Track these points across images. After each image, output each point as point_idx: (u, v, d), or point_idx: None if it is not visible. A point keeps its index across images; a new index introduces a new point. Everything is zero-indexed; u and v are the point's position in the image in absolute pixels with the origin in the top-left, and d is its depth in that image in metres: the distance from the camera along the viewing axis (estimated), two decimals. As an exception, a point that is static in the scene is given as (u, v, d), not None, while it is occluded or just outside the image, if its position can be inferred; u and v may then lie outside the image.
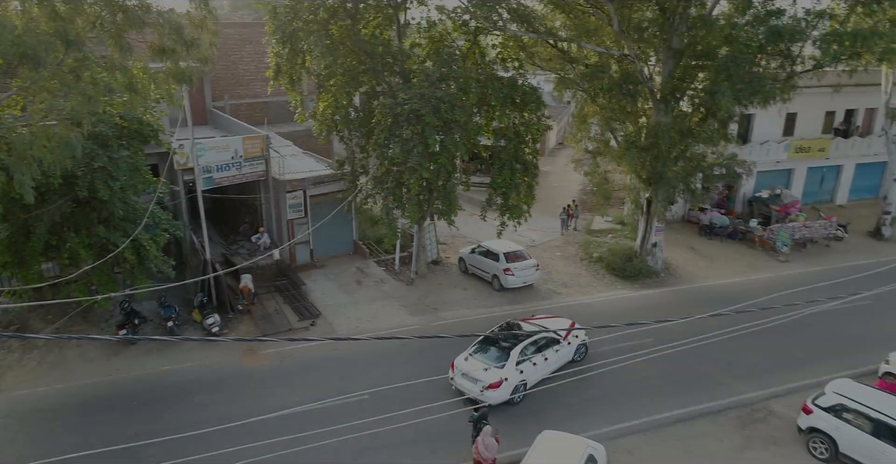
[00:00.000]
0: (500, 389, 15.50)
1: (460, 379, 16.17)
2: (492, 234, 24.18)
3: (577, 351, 18.07)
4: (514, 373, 15.83)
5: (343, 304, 21.87)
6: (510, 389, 15.71)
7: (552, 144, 46.59)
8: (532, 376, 16.37)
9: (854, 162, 32.99)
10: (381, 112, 20.19)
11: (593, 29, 23.44)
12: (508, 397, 15.73)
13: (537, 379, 16.59)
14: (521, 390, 16.15)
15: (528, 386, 16.38)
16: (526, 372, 16.13)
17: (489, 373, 15.67)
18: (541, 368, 16.62)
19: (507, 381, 15.59)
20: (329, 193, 24.76)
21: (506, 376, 15.60)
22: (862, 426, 13.81)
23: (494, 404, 15.40)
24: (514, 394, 15.85)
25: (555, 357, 17.13)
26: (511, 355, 16.02)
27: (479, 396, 15.57)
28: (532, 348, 16.61)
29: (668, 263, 25.45)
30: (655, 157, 21.97)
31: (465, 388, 15.97)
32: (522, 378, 16.04)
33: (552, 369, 16.96)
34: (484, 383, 15.55)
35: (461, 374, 16.17)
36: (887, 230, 28.74)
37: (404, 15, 22.95)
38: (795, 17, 20.67)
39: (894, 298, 21.52)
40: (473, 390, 15.75)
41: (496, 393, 15.48)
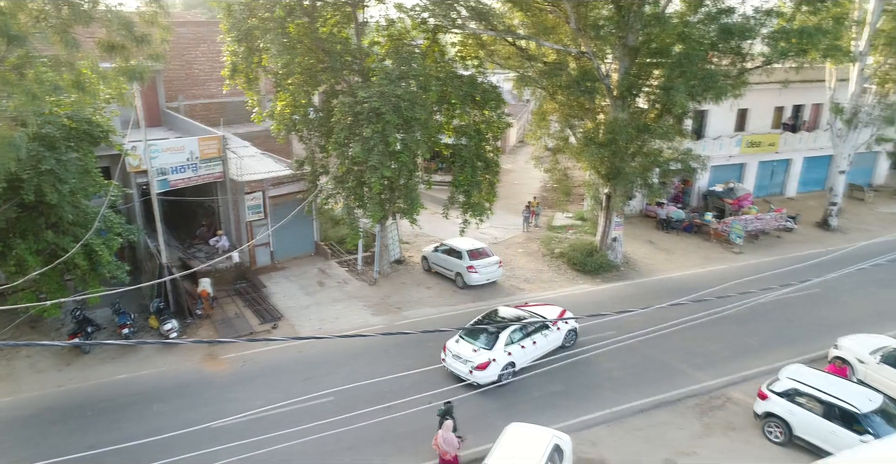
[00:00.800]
0: (488, 369, 16.19)
1: (451, 360, 16.84)
2: (455, 232, 24.22)
3: (566, 337, 18.65)
4: (503, 355, 16.50)
5: (305, 305, 21.60)
6: (498, 370, 16.39)
7: (513, 142, 46.96)
8: (520, 358, 16.98)
9: (802, 156, 34.16)
10: (341, 111, 20.01)
11: (551, 27, 23.67)
12: (496, 377, 16.37)
13: (526, 362, 17.15)
14: (510, 372, 16.79)
15: (517, 368, 16.97)
16: (514, 354, 16.78)
17: (478, 354, 16.39)
18: (529, 351, 17.25)
19: (494, 362, 16.28)
20: (289, 194, 24.44)
21: (494, 358, 16.30)
22: (814, 409, 14.31)
23: (483, 383, 16.13)
24: (502, 376, 16.50)
25: (543, 342, 17.75)
26: (499, 337, 16.69)
27: (469, 376, 16.31)
28: (521, 332, 17.25)
29: (627, 256, 25.91)
30: (613, 153, 22.30)
31: (455, 368, 16.67)
32: (510, 360, 16.65)
33: (541, 353, 17.65)
34: (473, 364, 16.24)
35: (452, 355, 16.84)
36: (834, 221, 29.84)
37: (363, 13, 22.80)
38: (745, 15, 21.26)
39: (841, 286, 22.45)
40: (463, 371, 16.46)
41: (484, 373, 16.17)
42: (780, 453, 14.40)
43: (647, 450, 14.55)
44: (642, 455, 14.35)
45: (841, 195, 29.98)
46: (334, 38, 21.99)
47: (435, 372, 16.91)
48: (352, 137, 20.06)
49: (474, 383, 16.27)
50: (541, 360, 17.39)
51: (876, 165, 36.50)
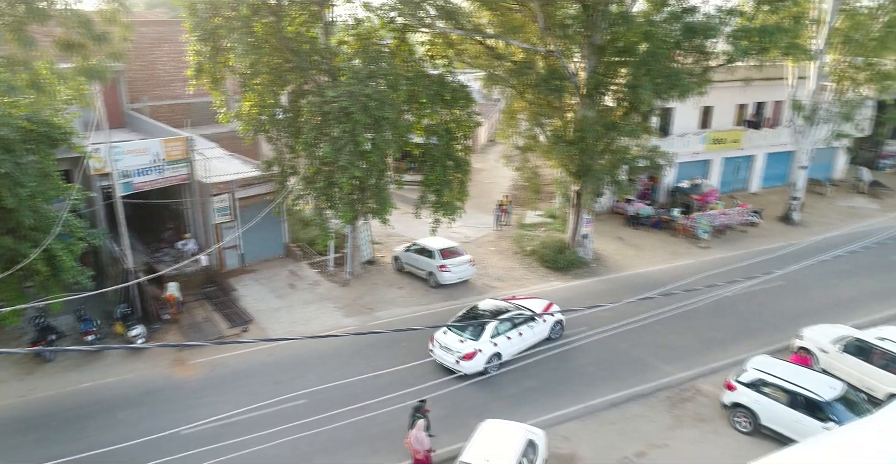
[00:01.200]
0: (474, 359, 16.61)
1: (439, 351, 17.21)
2: (426, 231, 24.17)
3: (552, 329, 18.97)
4: (489, 345, 16.91)
5: (276, 308, 21.34)
6: (484, 360, 16.79)
7: (483, 141, 47.09)
8: (506, 349, 17.40)
9: (765, 152, 34.93)
10: (310, 111, 19.83)
11: (519, 26, 23.80)
12: (483, 368, 16.81)
13: (512, 353, 17.60)
14: (496, 362, 17.17)
15: (503, 359, 17.37)
16: (500, 345, 17.17)
17: (464, 345, 16.81)
18: (515, 342, 17.65)
19: (480, 352, 16.69)
20: (258, 196, 24.11)
21: (480, 348, 16.72)
22: (779, 399, 14.65)
23: (470, 373, 16.57)
24: (488, 366, 16.90)
25: (529, 333, 18.14)
26: (486, 328, 17.09)
27: (455, 366, 16.70)
28: (507, 324, 17.67)
29: (597, 253, 26.19)
30: (582, 150, 22.52)
31: (443, 359, 17.05)
32: (496, 351, 17.05)
33: (527, 345, 18.08)
34: (459, 354, 16.66)
35: (440, 346, 17.20)
36: (796, 215, 30.60)
37: (330, 12, 22.59)
38: (708, 14, 21.65)
39: (804, 279, 23.04)
40: (450, 361, 16.85)
41: (470, 363, 16.60)
42: (747, 443, 14.70)
43: (619, 443, 14.72)
44: (615, 449, 14.52)
45: (802, 190, 30.74)
46: (301, 38, 21.75)
47: (409, 371, 16.84)
48: (321, 137, 19.88)
49: (461, 373, 16.63)
50: (528, 351, 17.78)
51: (834, 161, 37.52)
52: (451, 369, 16.91)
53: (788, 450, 11.90)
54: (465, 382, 16.34)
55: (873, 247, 23.73)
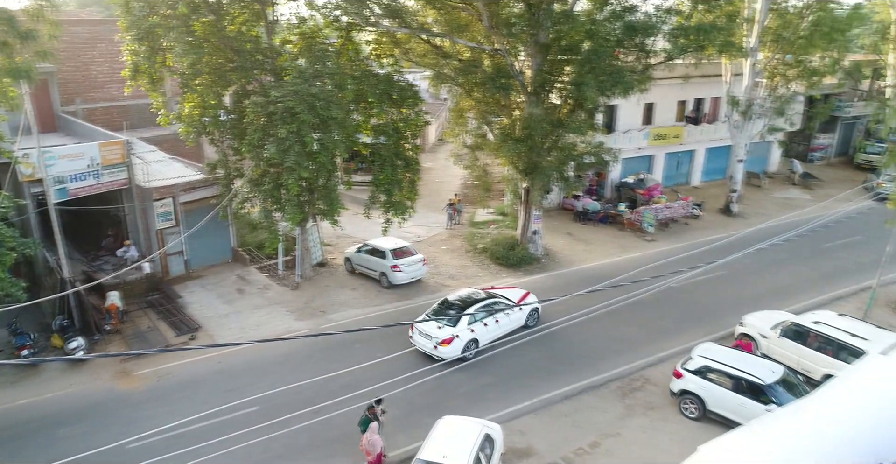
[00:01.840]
0: (452, 345, 17.23)
1: (417, 337, 17.76)
2: (377, 232, 24.03)
3: (529, 317, 19.63)
4: (465, 332, 17.52)
5: (224, 314, 20.81)
6: (461, 345, 17.40)
7: (432, 140, 47.14)
8: (483, 335, 18.04)
9: (704, 146, 36.14)
10: (254, 111, 19.40)
11: (465, 24, 23.91)
12: (460, 353, 17.32)
13: (489, 339, 18.17)
14: (473, 348, 17.80)
15: (480, 345, 18.02)
16: (477, 332, 17.84)
17: (442, 331, 17.37)
18: (492, 329, 18.31)
19: (458, 338, 17.31)
20: (202, 200, 23.48)
21: (457, 334, 17.32)
22: (724, 384, 15.18)
23: (448, 358, 16.99)
24: (465, 352, 17.45)
25: (506, 321, 18.83)
26: (463, 316, 17.74)
27: (434, 352, 17.29)
28: (484, 312, 18.19)
29: (548, 249, 26.56)
30: (530, 148, 22.79)
31: (422, 345, 17.64)
32: (473, 337, 17.70)
33: (504, 332, 18.69)
34: (437, 340, 17.24)
35: (419, 332, 17.74)
36: (735, 207, 31.78)
37: (272, 11, 22.18)
38: (647, 13, 22.27)
39: (744, 268, 23.95)
40: (428, 347, 17.43)
41: (448, 349, 17.20)
42: (695, 428, 15.16)
43: (573, 434, 14.97)
44: (569, 440, 14.75)
45: (740, 183, 31.96)
46: (243, 37, 21.29)
47: (362, 372, 16.64)
48: (266, 138, 19.48)
49: (439, 358, 17.14)
50: (505, 338, 18.23)
51: (769, 154, 39.14)
52: (429, 354, 17.47)
53: (733, 433, 12.36)
54: (419, 380, 16.27)
55: (807, 235, 24.86)
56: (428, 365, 16.71)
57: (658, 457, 13.99)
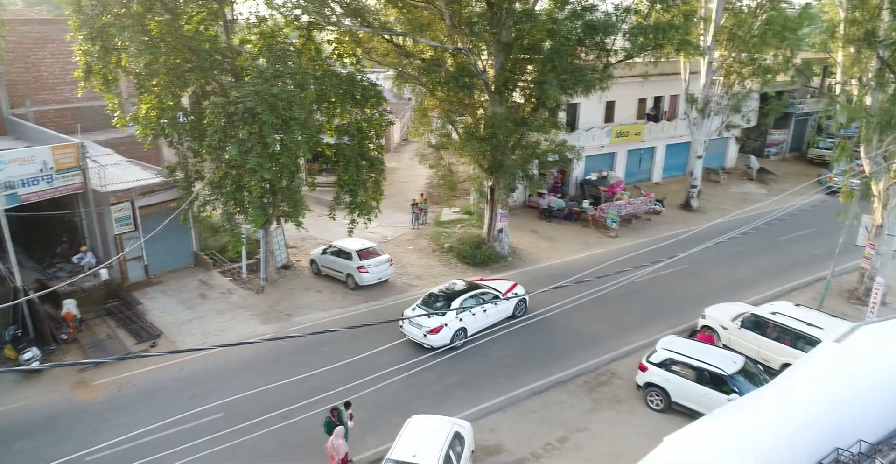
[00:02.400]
0: (441, 333, 17.87)
1: (408, 326, 18.40)
2: (342, 233, 23.83)
3: (516, 307, 20.26)
4: (454, 320, 18.09)
5: (186, 320, 20.37)
6: (450, 334, 18.02)
7: (397, 140, 46.99)
8: (471, 324, 18.66)
9: (664, 143, 36.86)
10: (213, 112, 19.00)
11: (427, 24, 23.88)
12: (449, 341, 17.95)
13: (477, 328, 18.79)
14: (462, 337, 18.41)
15: (469, 333, 18.64)
16: (465, 320, 18.46)
17: (431, 320, 17.89)
18: (480, 318, 18.91)
19: (447, 327, 17.89)
20: (161, 203, 22.91)
21: (445, 323, 17.88)
22: (687, 376, 15.50)
23: (437, 346, 17.75)
24: (454, 340, 18.07)
25: (494, 310, 19.36)
26: (451, 305, 18.40)
27: (423, 340, 17.94)
28: (472, 301, 18.82)
29: (514, 247, 26.73)
30: (494, 146, 22.89)
31: (412, 334, 18.23)
32: (462, 325, 18.32)
33: (492, 321, 19.29)
34: (427, 328, 17.83)
35: (408, 322, 18.36)
36: (695, 202, 32.50)
37: (231, 10, 21.78)
38: (607, 12, 22.59)
39: (705, 261, 24.51)
40: (418, 336, 18.03)
41: (437, 337, 17.86)
42: (661, 420, 15.43)
43: (542, 430, 15.09)
44: (538, 436, 14.86)
45: (699, 178, 32.66)
46: (201, 36, 20.83)
47: (330, 374, 16.46)
48: (227, 140, 19.14)
49: (429, 346, 17.87)
50: (493, 327, 18.84)
51: (727, 150, 40.14)
52: (419, 343, 18.10)
53: (697, 423, 12.60)
54: (388, 380, 16.21)
55: (763, 228, 25.55)
56: (397, 365, 16.63)
57: (625, 450, 14.19)
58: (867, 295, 20.88)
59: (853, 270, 23.41)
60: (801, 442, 12.15)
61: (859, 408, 13.08)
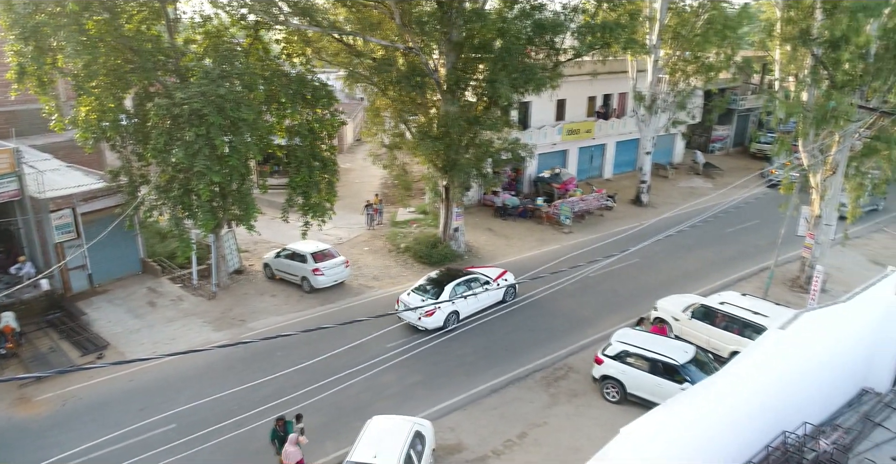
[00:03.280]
0: (435, 316, 18.75)
1: (403, 310, 19.39)
2: (296, 235, 23.43)
3: (506, 292, 21.06)
4: (447, 304, 18.86)
5: (135, 329, 19.69)
6: (443, 316, 18.96)
7: (350, 141, 46.56)
8: (464, 308, 19.51)
9: (614, 140, 37.60)
10: (157, 114, 18.38)
11: (377, 23, 23.71)
12: (442, 323, 18.88)
13: (469, 312, 19.76)
14: (455, 320, 19.36)
15: (461, 317, 19.56)
16: (457, 304, 19.19)
17: (425, 303, 18.65)
18: (471, 302, 19.56)
19: (440, 309, 18.72)
20: (105, 209, 22.07)
21: (439, 306, 18.57)
22: (641, 367, 15.84)
23: (431, 328, 18.69)
24: (447, 323, 19.01)
25: (484, 295, 20.11)
26: (445, 289, 19.33)
27: (418, 323, 18.81)
28: (464, 287, 19.73)
29: (470, 245, 26.82)
30: (448, 145, 22.90)
31: (407, 317, 19.12)
32: (454, 309, 19.18)
33: (483, 306, 20.21)
34: (421, 312, 18.51)
35: (404, 305, 19.45)
36: (645, 197, 33.27)
37: (174, 9, 21.14)
38: (555, 12, 22.86)
39: (655, 255, 25.10)
40: (413, 318, 18.90)
41: (431, 319, 18.77)
42: (617, 411, 15.73)
43: (502, 427, 15.18)
44: (498, 433, 14.94)
45: (649, 174, 33.45)
46: (143, 36, 20.15)
47: (286, 379, 16.22)
48: (173, 142, 18.55)
49: (423, 328, 18.80)
50: (484, 311, 19.96)
51: (674, 146, 41.25)
52: (414, 325, 19.00)
53: (651, 413, 12.88)
54: (346, 383, 16.05)
55: (710, 221, 26.31)
56: (356, 367, 16.45)
57: (583, 442, 14.41)
58: (808, 283, 21.78)
59: (795, 259, 24.37)
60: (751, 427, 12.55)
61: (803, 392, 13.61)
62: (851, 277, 23.24)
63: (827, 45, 19.66)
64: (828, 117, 19.56)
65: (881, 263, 24.42)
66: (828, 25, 19.15)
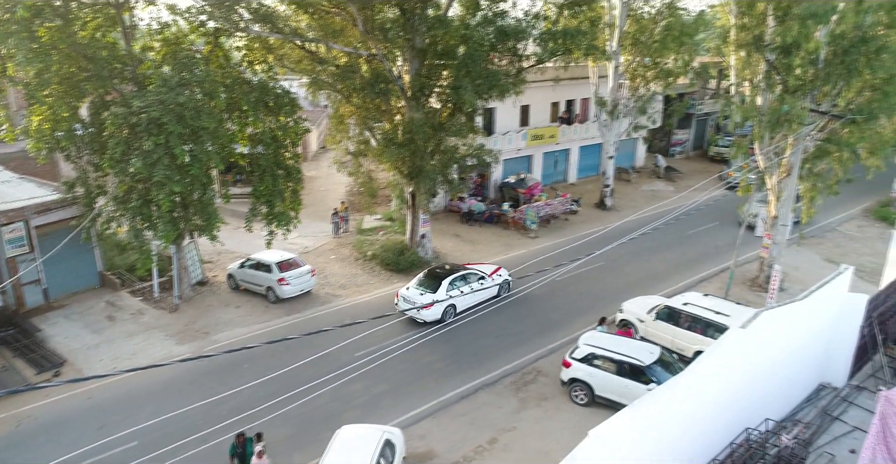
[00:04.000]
0: (433, 309, 19.59)
1: (402, 303, 20.36)
2: (261, 245, 23.09)
3: (501, 288, 21.85)
4: (444, 298, 19.88)
5: (93, 345, 19.09)
6: (441, 309, 19.90)
7: (314, 148, 46.18)
8: (460, 302, 20.47)
9: (578, 145, 38.11)
10: (114, 123, 17.92)
11: (339, 29, 23.59)
12: (440, 316, 19.95)
13: (465, 305, 20.66)
14: (452, 313, 20.38)
15: (458, 310, 20.53)
16: (455, 298, 20.22)
17: (424, 297, 19.91)
18: (468, 296, 20.60)
19: (438, 302, 19.49)
20: (61, 222, 21.41)
21: (436, 299, 19.57)
22: (608, 369, 16.00)
23: (429, 321, 19.71)
24: (445, 316, 20.09)
25: (480, 290, 21.03)
26: (442, 283, 20.31)
27: (417, 315, 19.74)
28: (461, 281, 20.74)
29: (437, 251, 26.80)
30: (413, 152, 22.89)
31: (407, 310, 19.88)
32: (451, 302, 20.19)
33: (478, 300, 21.09)
34: (419, 304, 19.52)
35: (403, 300, 20.36)
36: (609, 201, 33.76)
37: (130, 15, 20.67)
38: (517, 18, 23.09)
39: (620, 257, 25.46)
40: (412, 311, 19.68)
41: (429, 312, 19.73)
42: (586, 414, 15.84)
43: (472, 433, 15.15)
44: (468, 439, 14.91)
45: (612, 178, 33.95)
46: (98, 43, 19.69)
47: (252, 392, 15.90)
48: (131, 152, 18.11)
49: (422, 320, 19.76)
50: (480, 305, 20.66)
51: (636, 150, 41.98)
52: (413, 318, 19.79)
53: (619, 415, 13.01)
54: (313, 393, 15.79)
55: (672, 224, 26.81)
56: (323, 377, 16.21)
57: (553, 446, 14.47)
58: (767, 282, 22.37)
59: (754, 259, 25.00)
60: (716, 425, 12.78)
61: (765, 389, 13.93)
62: (807, 275, 23.94)
63: (779, 51, 20.29)
64: (781, 121, 20.15)
65: (835, 261, 25.25)
66: (779, 32, 19.76)
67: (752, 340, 13.05)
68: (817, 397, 15.76)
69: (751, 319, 12.88)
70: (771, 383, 13.95)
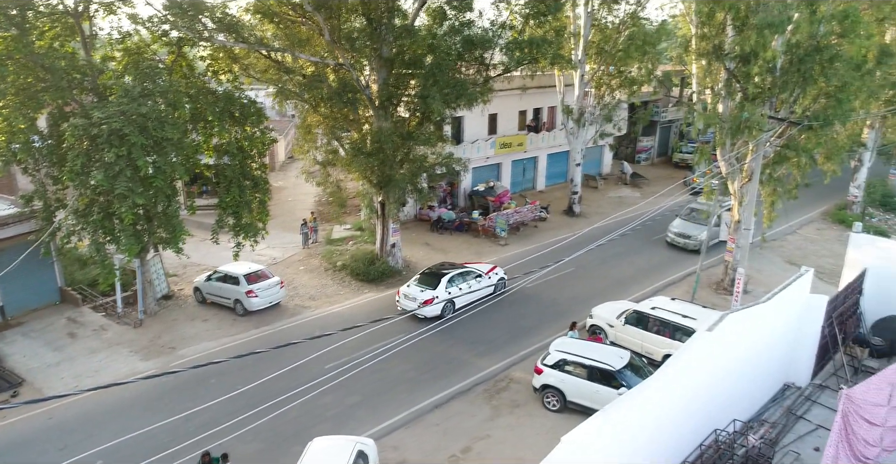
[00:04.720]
0: (432, 305, 20.31)
1: (404, 300, 21.22)
2: (228, 257, 22.71)
3: (497, 285, 22.64)
4: (443, 294, 20.79)
5: (54, 363, 18.50)
6: (440, 306, 20.62)
7: (282, 158, 45.77)
8: (459, 298, 21.27)
9: (546, 153, 38.49)
10: (74, 135, 17.48)
11: (306, 39, 23.46)
12: (439, 312, 20.71)
13: (464, 302, 21.39)
14: (451, 309, 21.12)
15: (457, 307, 21.20)
16: (453, 295, 21.08)
17: (424, 294, 20.74)
18: (466, 293, 21.39)
19: (437, 299, 20.39)
20: (18, 236, 20.75)
21: (436, 296, 20.57)
22: (580, 374, 16.10)
23: (430, 317, 20.40)
24: (444, 312, 20.83)
25: (477, 287, 21.84)
26: (441, 280, 21.11)
27: (418, 311, 20.28)
28: (459, 279, 21.65)
29: (407, 260, 26.72)
30: (382, 161, 22.83)
31: (407, 306, 20.80)
32: (450, 299, 20.96)
33: (477, 297, 21.83)
34: (420, 301, 20.37)
35: (404, 296, 21.21)
36: (577, 208, 34.14)
37: (89, 25, 20.26)
38: (484, 28, 23.29)
39: (589, 263, 25.73)
40: (412, 307, 20.44)
41: (429, 308, 20.40)
42: (558, 420, 15.89)
43: (445, 442, 15.07)
44: (441, 449, 14.83)
45: (580, 185, 34.36)
46: (56, 53, 19.23)
47: (221, 407, 15.54)
48: (91, 164, 17.70)
49: (422, 316, 20.37)
50: (477, 302, 21.38)
51: (602, 157, 42.59)
52: (414, 313, 20.32)
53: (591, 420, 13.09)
54: (284, 407, 15.57)
55: (639, 229, 27.25)
56: (294, 390, 15.97)
57: (526, 453, 14.48)
58: (732, 285, 22.85)
59: (719, 263, 25.51)
60: (685, 427, 12.96)
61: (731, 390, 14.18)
62: (770, 278, 24.53)
63: (738, 60, 20.85)
64: (742, 127, 20.67)
65: (796, 263, 25.93)
66: (738, 41, 20.31)
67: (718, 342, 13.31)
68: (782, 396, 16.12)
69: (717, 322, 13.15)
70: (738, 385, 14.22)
